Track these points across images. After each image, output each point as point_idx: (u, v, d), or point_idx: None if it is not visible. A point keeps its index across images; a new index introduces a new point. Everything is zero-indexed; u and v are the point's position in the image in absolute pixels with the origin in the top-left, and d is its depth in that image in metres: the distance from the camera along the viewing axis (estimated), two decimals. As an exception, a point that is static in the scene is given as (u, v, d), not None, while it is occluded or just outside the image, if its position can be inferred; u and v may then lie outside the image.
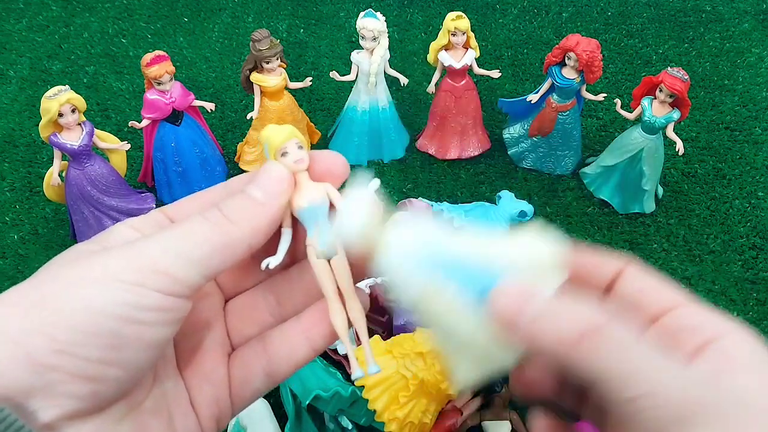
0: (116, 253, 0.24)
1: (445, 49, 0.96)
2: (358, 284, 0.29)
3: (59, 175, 0.86)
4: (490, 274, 0.25)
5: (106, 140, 0.88)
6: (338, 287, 0.28)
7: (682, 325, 0.24)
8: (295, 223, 0.28)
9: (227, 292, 0.30)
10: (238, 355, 0.29)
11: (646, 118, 0.88)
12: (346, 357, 0.71)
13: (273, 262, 0.28)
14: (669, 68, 0.86)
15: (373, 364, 0.29)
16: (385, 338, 0.70)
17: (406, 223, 0.27)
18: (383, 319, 0.77)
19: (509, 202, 0.89)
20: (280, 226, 0.28)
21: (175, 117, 0.92)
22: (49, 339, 0.22)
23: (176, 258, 0.24)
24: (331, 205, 0.28)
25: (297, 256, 0.30)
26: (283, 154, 0.27)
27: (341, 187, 0.29)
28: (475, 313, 0.24)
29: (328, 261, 0.28)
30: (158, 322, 0.24)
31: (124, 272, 0.23)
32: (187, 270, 0.24)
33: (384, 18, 0.93)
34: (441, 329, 0.25)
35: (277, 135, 0.27)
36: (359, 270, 0.29)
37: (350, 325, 0.29)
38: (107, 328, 0.22)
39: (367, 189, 0.27)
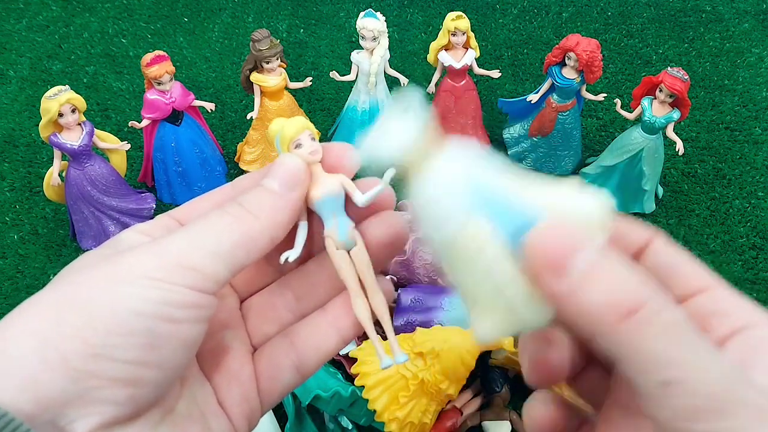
0: (140, 252, 0.23)
1: (445, 49, 0.96)
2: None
3: (59, 175, 0.86)
4: (534, 216, 0.22)
5: (106, 140, 0.88)
6: (359, 278, 0.28)
7: (713, 309, 0.22)
8: (311, 215, 0.28)
9: (241, 293, 0.30)
10: (263, 353, 0.29)
11: (646, 118, 0.88)
12: (346, 357, 0.71)
13: (292, 255, 0.27)
14: (669, 68, 0.86)
15: (400, 353, 0.29)
16: (385, 338, 0.69)
17: (453, 152, 0.24)
18: (383, 319, 0.77)
19: (509, 202, 0.89)
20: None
21: (175, 117, 0.92)
22: (85, 342, 0.21)
23: (203, 253, 0.23)
24: (347, 197, 0.28)
25: (313, 249, 0.29)
26: (297, 146, 0.27)
27: (354, 178, 0.28)
28: (513, 258, 0.22)
29: (348, 252, 0.28)
30: (191, 319, 0.23)
31: (152, 270, 0.22)
32: (214, 265, 0.23)
33: (384, 18, 0.93)
34: (469, 274, 0.23)
35: (291, 127, 0.27)
36: (379, 260, 0.28)
37: (373, 315, 0.29)
38: (143, 327, 0.22)
39: (414, 105, 0.25)
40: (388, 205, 0.28)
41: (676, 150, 0.89)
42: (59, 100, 0.78)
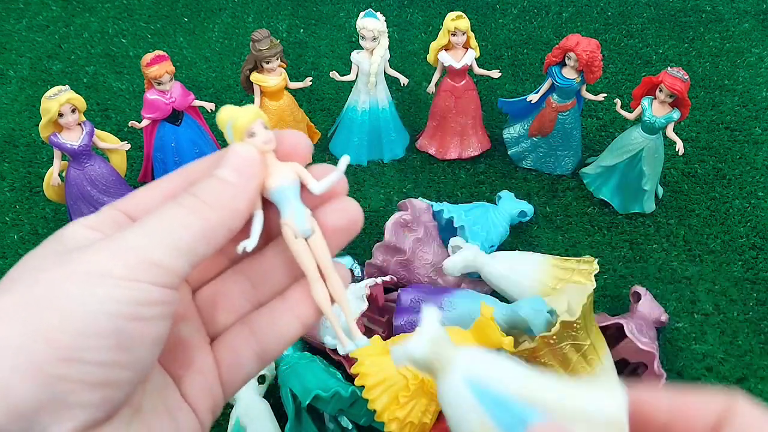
0: (98, 249, 0.23)
1: (445, 49, 0.96)
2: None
3: (59, 175, 0.86)
4: (532, 417, 0.23)
5: (106, 140, 0.88)
6: (317, 265, 0.28)
7: None
8: (265, 204, 0.28)
9: (192, 283, 0.29)
10: (223, 343, 0.29)
11: (646, 118, 0.88)
12: (346, 357, 0.71)
13: (249, 245, 0.27)
14: (669, 68, 0.86)
15: (360, 337, 0.30)
16: (385, 338, 0.70)
17: (476, 353, 0.26)
18: (383, 319, 0.77)
19: (509, 202, 0.89)
20: None
21: (175, 117, 0.92)
22: (55, 346, 0.20)
23: (164, 248, 0.23)
24: (302, 185, 0.28)
25: (269, 237, 0.29)
26: (251, 135, 0.27)
27: (306, 166, 0.29)
28: None
29: (306, 240, 0.28)
30: (159, 317, 0.23)
31: (115, 268, 0.22)
32: (176, 259, 0.23)
33: (384, 18, 0.93)
34: None
35: (244, 115, 0.27)
36: (335, 246, 0.29)
37: (333, 301, 0.29)
38: (112, 327, 0.21)
39: (433, 312, 0.27)
40: (342, 191, 0.29)
41: (676, 150, 0.89)
42: (59, 100, 0.78)
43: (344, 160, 0.28)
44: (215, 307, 0.29)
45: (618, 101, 0.96)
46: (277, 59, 0.91)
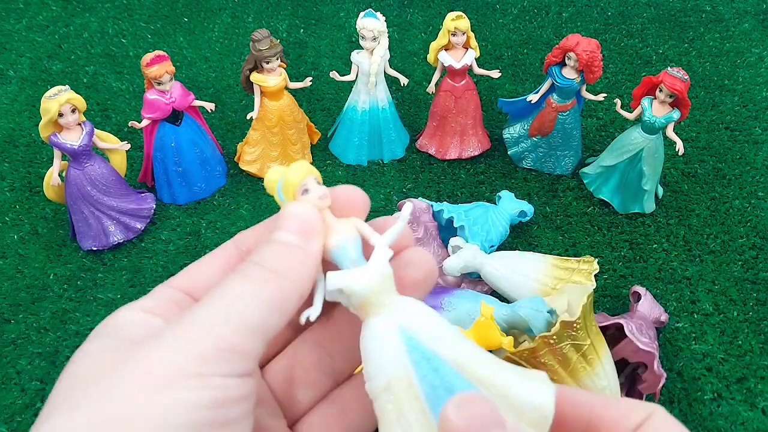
0: (168, 340, 0.19)
1: (445, 49, 0.96)
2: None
3: (59, 175, 0.86)
4: (462, 387, 0.22)
5: (106, 140, 0.88)
6: None
7: None
8: (325, 266, 0.25)
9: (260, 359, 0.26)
10: (311, 425, 0.26)
11: (646, 118, 0.88)
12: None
13: (313, 314, 0.24)
14: (669, 68, 0.86)
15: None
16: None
17: (419, 306, 0.24)
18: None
19: (509, 202, 0.89)
20: None
21: (175, 117, 0.92)
22: None
23: (236, 328, 0.20)
24: (364, 242, 0.25)
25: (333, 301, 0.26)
26: (304, 192, 0.25)
27: (366, 220, 0.26)
28: (430, 424, 0.22)
29: None
30: (243, 415, 0.20)
31: (189, 362, 0.19)
32: (251, 339, 0.20)
33: (384, 18, 0.93)
34: (390, 425, 0.22)
35: (295, 173, 0.25)
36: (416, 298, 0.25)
37: None
38: None
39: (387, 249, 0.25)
40: (407, 242, 0.26)
41: (676, 150, 0.89)
42: (59, 100, 0.78)
43: (407, 209, 0.26)
44: (291, 384, 0.26)
45: (618, 101, 0.96)
46: (277, 59, 0.91)
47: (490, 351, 0.67)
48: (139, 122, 0.91)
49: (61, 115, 0.79)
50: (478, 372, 0.22)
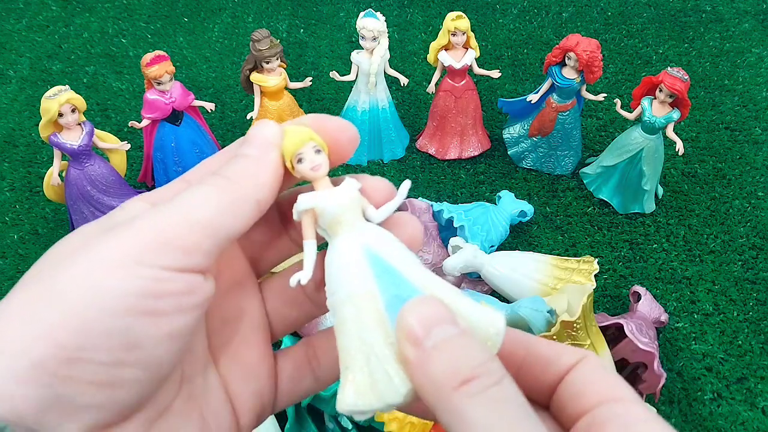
0: (123, 230, 0.21)
1: (445, 49, 0.96)
2: None
3: (59, 175, 0.86)
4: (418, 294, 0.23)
5: (106, 140, 0.88)
6: None
7: (607, 417, 0.22)
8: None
9: (261, 271, 0.28)
10: (288, 353, 0.28)
11: (646, 118, 0.88)
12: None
13: (304, 277, 0.25)
14: (669, 68, 0.86)
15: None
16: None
17: (384, 232, 0.25)
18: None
19: (509, 202, 0.89)
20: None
21: (175, 117, 0.91)
22: (57, 345, 0.19)
23: (182, 224, 0.21)
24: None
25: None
26: (299, 161, 0.25)
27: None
28: (388, 331, 0.23)
29: None
30: (177, 309, 0.21)
31: (131, 253, 0.20)
32: (197, 235, 0.21)
33: (384, 18, 0.93)
34: (347, 339, 0.23)
35: (292, 139, 0.25)
36: None
37: None
38: (121, 326, 0.20)
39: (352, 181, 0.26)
40: (401, 209, 0.28)
41: (676, 150, 0.89)
42: (59, 100, 0.78)
43: (405, 186, 0.26)
44: (281, 298, 0.28)
45: (618, 101, 0.96)
46: (277, 59, 0.91)
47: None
48: (139, 122, 0.91)
49: (61, 115, 0.79)
50: (437, 291, 0.23)
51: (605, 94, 0.98)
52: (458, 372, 0.20)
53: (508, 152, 1.04)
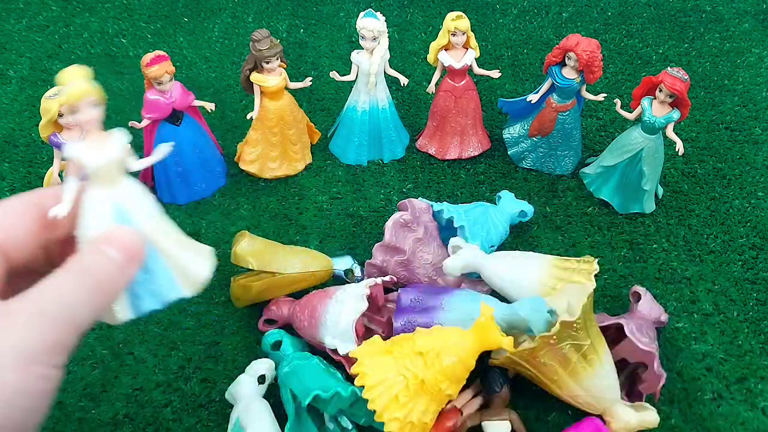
0: None
1: (445, 49, 0.96)
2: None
3: (59, 175, 0.86)
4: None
5: (106, 140, 0.88)
6: None
7: None
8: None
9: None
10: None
11: (646, 118, 0.88)
12: (346, 357, 0.71)
13: (61, 211, 0.31)
14: (669, 68, 0.86)
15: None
16: (385, 338, 0.69)
17: (130, 189, 0.36)
18: (383, 319, 0.77)
19: (509, 202, 0.89)
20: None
21: (175, 117, 0.92)
22: None
23: None
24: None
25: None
26: (74, 112, 0.29)
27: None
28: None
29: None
30: None
31: None
32: None
33: (384, 18, 0.93)
34: None
35: (74, 90, 0.29)
36: None
37: None
38: None
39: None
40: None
41: (676, 150, 0.89)
42: (59, 100, 0.78)
43: (164, 147, 0.34)
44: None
45: (618, 101, 0.96)
46: (277, 59, 0.91)
47: (490, 350, 0.67)
48: (139, 122, 0.91)
49: (61, 115, 0.79)
50: (160, 243, 0.33)
51: (605, 94, 0.98)
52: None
53: (508, 152, 1.04)
